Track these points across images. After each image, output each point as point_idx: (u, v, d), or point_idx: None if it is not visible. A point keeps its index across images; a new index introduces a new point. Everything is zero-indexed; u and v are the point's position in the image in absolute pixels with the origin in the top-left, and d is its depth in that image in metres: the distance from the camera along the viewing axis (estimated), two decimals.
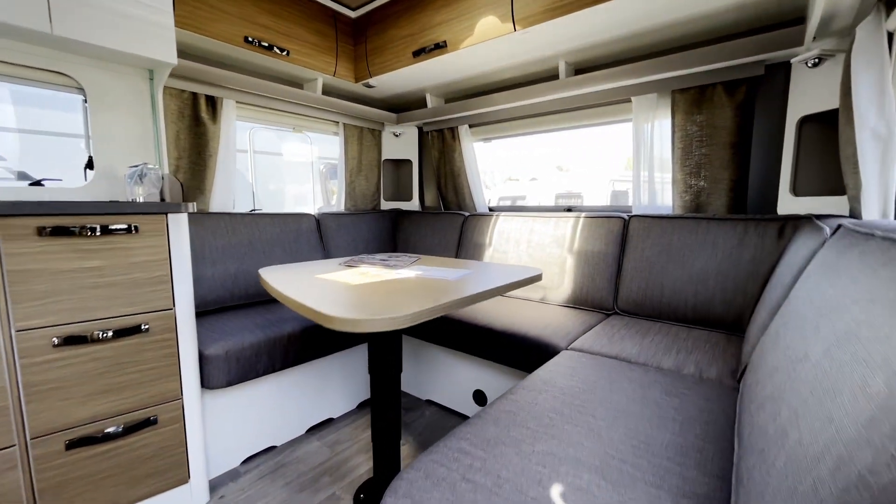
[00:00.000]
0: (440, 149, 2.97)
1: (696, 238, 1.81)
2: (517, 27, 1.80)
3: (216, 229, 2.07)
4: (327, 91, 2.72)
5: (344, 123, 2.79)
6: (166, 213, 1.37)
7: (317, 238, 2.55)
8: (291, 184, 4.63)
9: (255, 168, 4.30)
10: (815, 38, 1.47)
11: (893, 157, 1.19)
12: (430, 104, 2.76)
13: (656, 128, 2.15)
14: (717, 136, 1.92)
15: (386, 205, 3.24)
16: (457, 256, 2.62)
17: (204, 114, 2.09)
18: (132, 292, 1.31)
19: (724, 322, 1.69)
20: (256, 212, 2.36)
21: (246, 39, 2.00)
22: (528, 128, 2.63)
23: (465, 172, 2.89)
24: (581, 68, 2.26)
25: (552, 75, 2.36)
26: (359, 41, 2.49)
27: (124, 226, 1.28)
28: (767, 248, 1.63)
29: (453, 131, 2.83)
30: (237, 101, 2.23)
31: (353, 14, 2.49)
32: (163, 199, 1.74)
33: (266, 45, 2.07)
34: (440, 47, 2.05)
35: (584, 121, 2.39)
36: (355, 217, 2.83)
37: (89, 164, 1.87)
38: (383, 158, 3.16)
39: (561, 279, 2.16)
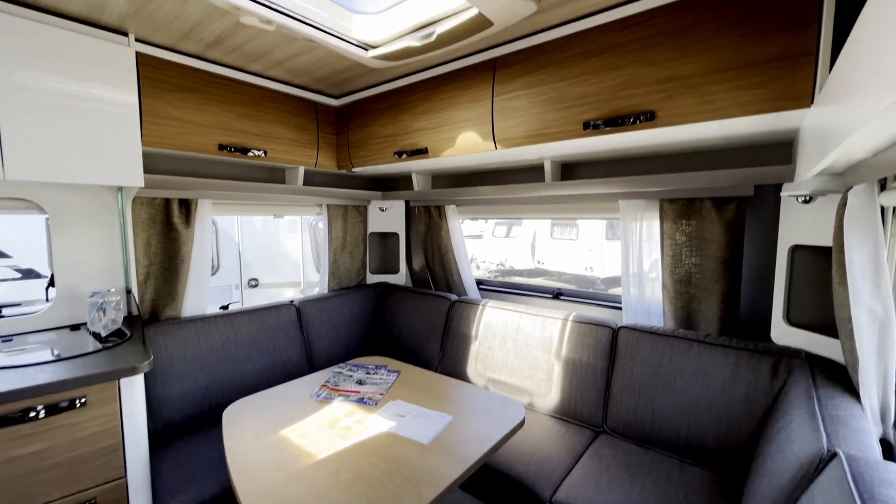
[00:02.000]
0: (427, 223, 2.91)
1: (687, 362, 1.73)
2: (498, 146, 1.74)
3: (186, 340, 1.98)
4: (309, 176, 2.66)
5: (328, 204, 2.73)
6: (118, 379, 1.28)
7: (297, 330, 2.46)
8: (283, 240, 4.57)
9: (243, 229, 4.24)
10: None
11: (891, 339, 1.11)
12: (416, 185, 2.70)
13: (645, 228, 2.08)
14: (706, 248, 1.86)
15: (372, 278, 3.16)
16: (443, 345, 2.53)
17: (177, 218, 2.02)
18: (78, 468, 1.22)
19: (718, 460, 1.60)
20: (233, 310, 2.28)
21: (221, 147, 1.94)
22: (516, 213, 2.57)
23: (452, 250, 2.82)
24: (568, 163, 2.21)
25: (537, 167, 2.30)
26: (341, 130, 2.43)
27: (70, 401, 1.19)
28: (762, 386, 1.55)
29: (440, 210, 2.77)
30: (213, 201, 2.16)
31: (335, 103, 2.44)
32: (124, 333, 1.66)
33: (242, 149, 2.01)
34: (421, 153, 1.99)
35: (572, 213, 2.33)
36: (339, 299, 2.74)
37: (51, 283, 1.80)
38: (369, 232, 3.09)
39: (548, 387, 2.07)
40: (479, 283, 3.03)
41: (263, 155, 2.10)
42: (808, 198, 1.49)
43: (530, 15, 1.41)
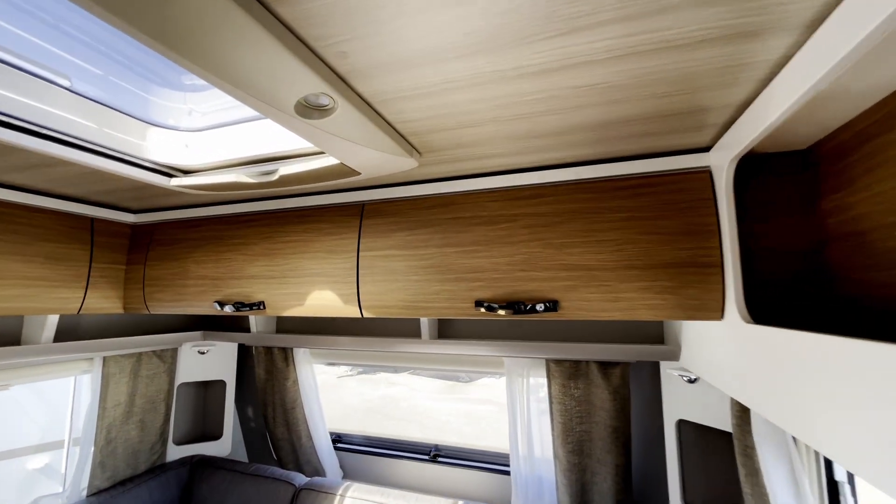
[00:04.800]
0: (268, 369, 2.19)
1: None
2: (365, 314, 1.31)
3: None
4: (71, 324, 1.76)
5: (104, 357, 1.82)
6: None
7: None
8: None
9: None
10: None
11: None
12: (253, 328, 2.03)
13: (532, 387, 1.85)
14: (596, 414, 1.68)
15: (176, 451, 2.18)
16: None
17: None
18: None
19: None
20: None
21: None
22: (387, 362, 2.10)
23: (302, 405, 2.15)
24: (446, 327, 1.89)
25: (413, 322, 1.93)
26: (135, 261, 1.69)
27: None
28: None
29: (286, 353, 2.12)
30: None
31: (131, 219, 1.72)
32: None
33: None
34: (255, 307, 1.42)
35: (453, 366, 1.98)
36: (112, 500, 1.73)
37: None
38: (178, 383, 2.18)
39: None
40: (335, 439, 2.36)
41: None
42: (692, 378, 1.43)
43: (409, 170, 1.11)
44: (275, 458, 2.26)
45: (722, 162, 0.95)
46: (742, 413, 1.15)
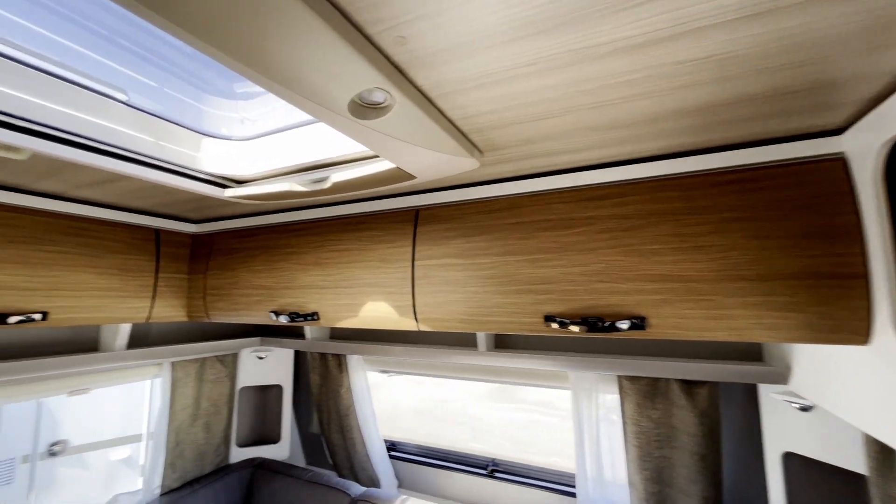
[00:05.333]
0: (322, 374, 2.19)
1: None
2: (421, 326, 1.22)
3: None
4: (142, 332, 1.84)
5: (172, 363, 1.89)
6: None
7: None
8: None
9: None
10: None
11: None
12: (308, 335, 2.03)
13: (602, 405, 1.68)
14: (678, 439, 1.48)
15: (240, 453, 2.23)
16: None
17: None
18: None
19: None
20: None
21: None
22: (441, 372, 2.02)
23: (355, 413, 2.12)
24: (503, 338, 1.77)
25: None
26: (196, 269, 1.72)
27: None
28: None
29: (340, 360, 2.10)
30: None
31: (192, 228, 1.76)
32: None
33: None
34: (310, 318, 1.38)
35: (511, 378, 1.85)
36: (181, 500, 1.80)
37: None
38: (240, 387, 2.24)
39: None
40: (389, 447, 2.32)
41: (41, 318, 1.29)
42: (808, 406, 1.20)
43: (470, 171, 1.00)
44: (330, 463, 2.26)
45: (867, 147, 0.75)
46: (883, 455, 0.93)
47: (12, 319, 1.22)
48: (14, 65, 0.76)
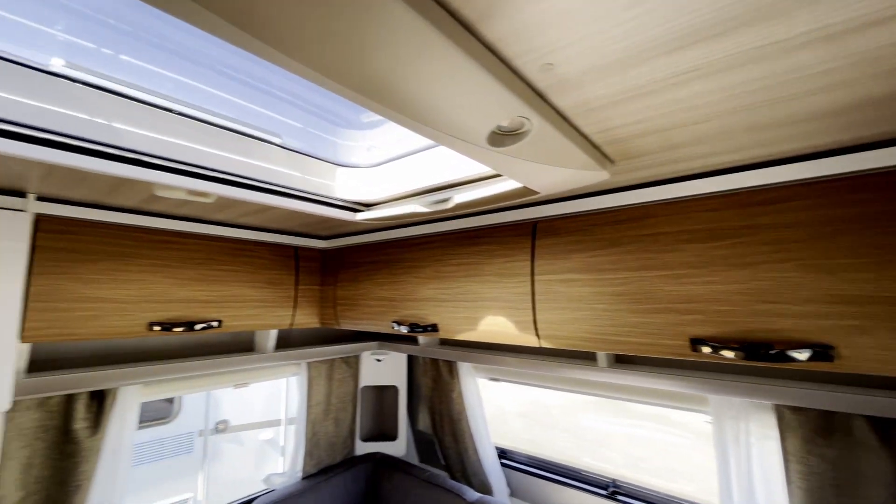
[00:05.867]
0: (434, 378, 2.28)
1: None
2: (543, 342, 1.19)
3: None
4: (285, 335, 2.11)
5: (308, 363, 2.13)
6: None
7: None
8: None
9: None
10: None
11: None
12: (420, 340, 2.13)
13: (752, 434, 1.45)
14: (868, 488, 1.20)
15: (362, 447, 2.44)
16: None
17: (79, 422, 1.41)
18: None
19: None
20: None
21: (152, 326, 1.41)
22: (554, 384, 1.95)
23: (467, 419, 2.16)
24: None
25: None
26: (327, 281, 1.93)
27: None
28: None
29: (451, 366, 2.16)
30: (145, 384, 1.58)
31: (322, 244, 1.97)
32: None
33: (186, 323, 1.47)
34: (429, 330, 1.44)
35: (638, 397, 1.70)
36: (315, 493, 2.02)
37: None
38: (362, 386, 2.44)
39: None
40: (500, 454, 2.32)
41: (217, 326, 1.56)
42: None
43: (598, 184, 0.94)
44: (443, 464, 2.34)
45: None
46: None
47: (198, 326, 1.50)
48: (205, 126, 0.93)
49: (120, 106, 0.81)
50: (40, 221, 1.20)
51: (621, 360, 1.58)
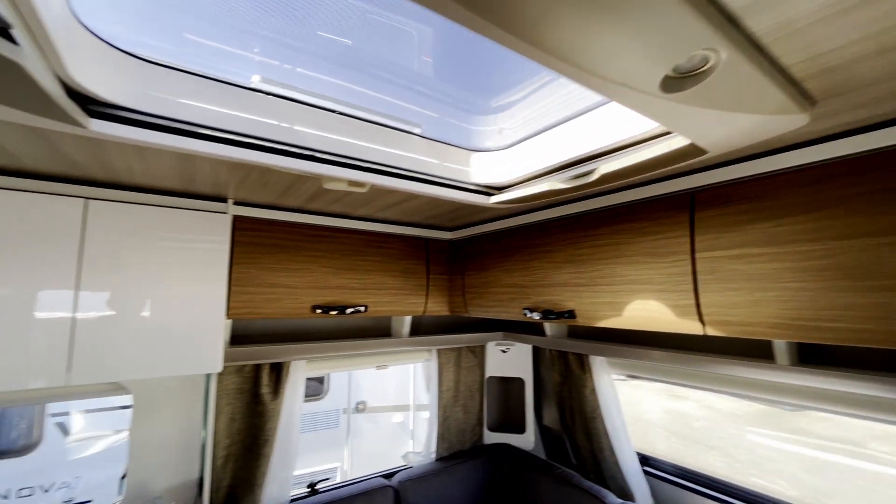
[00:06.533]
0: (562, 373, 2.18)
1: None
2: (709, 329, 1.03)
3: None
4: (416, 319, 2.25)
5: (438, 349, 2.24)
6: None
7: None
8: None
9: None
10: None
11: None
12: (548, 331, 2.06)
13: None
14: None
15: (490, 437, 2.46)
16: None
17: (265, 388, 1.71)
18: None
19: None
20: (323, 494, 1.81)
21: (315, 308, 1.63)
22: (711, 385, 1.70)
23: (602, 417, 2.01)
24: (811, 350, 1.32)
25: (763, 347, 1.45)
26: (454, 271, 1.99)
27: None
28: None
29: (581, 359, 2.04)
30: (308, 360, 1.85)
31: (448, 236, 2.05)
32: None
33: (340, 307, 1.67)
34: (565, 317, 1.38)
35: (829, 405, 1.37)
36: (448, 475, 2.11)
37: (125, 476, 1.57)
38: (487, 376, 2.47)
39: None
40: (642, 460, 2.10)
41: (364, 310, 1.73)
42: None
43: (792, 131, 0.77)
44: (573, 463, 2.22)
45: None
46: None
47: (349, 310, 1.68)
48: (360, 122, 1.04)
49: (296, 111, 0.96)
50: (237, 221, 1.49)
51: (805, 359, 1.29)
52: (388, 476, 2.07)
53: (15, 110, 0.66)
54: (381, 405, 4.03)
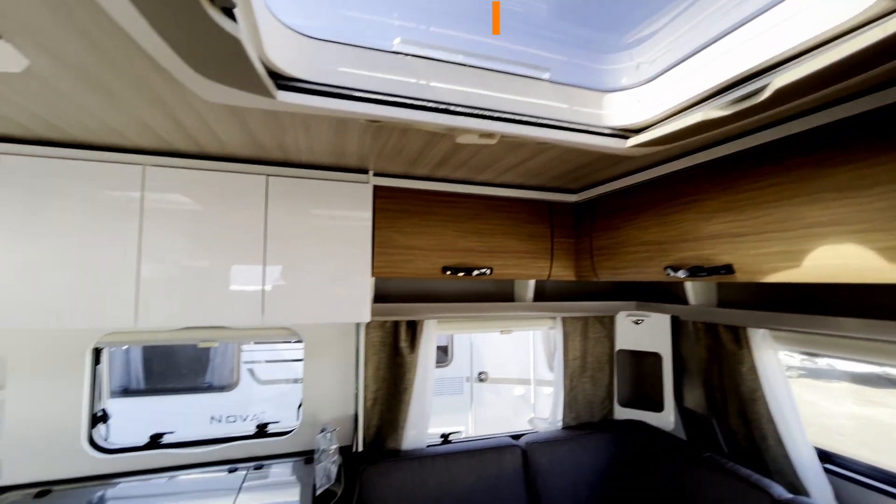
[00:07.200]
0: (710, 348, 1.92)
1: None
2: None
3: (401, 488, 1.74)
4: (540, 284, 2.22)
5: (563, 317, 2.19)
6: None
7: (521, 484, 1.92)
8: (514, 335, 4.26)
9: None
10: None
11: None
12: (691, 298, 1.84)
13: None
14: None
15: (621, 413, 2.33)
16: None
17: (403, 342, 1.91)
18: None
19: None
20: (451, 448, 1.95)
21: (444, 269, 1.74)
22: None
23: (765, 400, 1.73)
24: None
25: None
26: (581, 233, 1.91)
27: None
28: None
29: (736, 332, 1.77)
30: (439, 320, 1.99)
31: (573, 198, 1.96)
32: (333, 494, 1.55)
33: (466, 269, 1.75)
34: (720, 272, 1.21)
35: None
36: (576, 443, 2.07)
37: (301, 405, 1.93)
38: (617, 349, 2.33)
39: None
40: (823, 456, 1.75)
41: (489, 273, 1.78)
42: None
43: None
44: (724, 450, 1.96)
45: None
46: None
47: (475, 272, 1.75)
48: (488, 72, 1.06)
49: (431, 68, 1.02)
50: (377, 190, 1.67)
51: None
52: (515, 437, 2.13)
53: (234, 90, 0.84)
54: (501, 377, 4.12)
